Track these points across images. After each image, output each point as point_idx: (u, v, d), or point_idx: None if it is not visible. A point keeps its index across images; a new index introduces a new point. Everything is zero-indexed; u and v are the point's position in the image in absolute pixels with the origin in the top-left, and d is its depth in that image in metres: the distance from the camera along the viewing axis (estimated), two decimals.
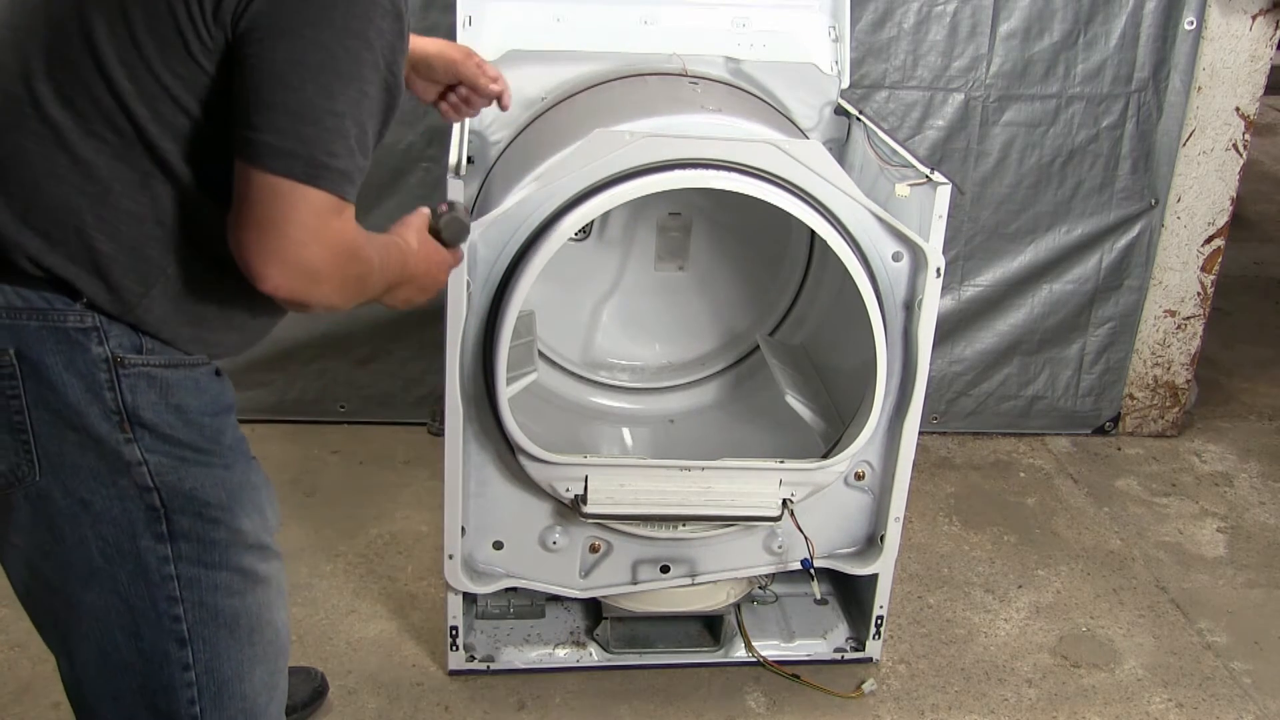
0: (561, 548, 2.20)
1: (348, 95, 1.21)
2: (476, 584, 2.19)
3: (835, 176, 1.99)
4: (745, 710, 2.30)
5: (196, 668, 1.36)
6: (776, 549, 2.27)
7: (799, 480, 2.15)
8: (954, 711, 2.33)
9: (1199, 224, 3.24)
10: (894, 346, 2.11)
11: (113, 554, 1.31)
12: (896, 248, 2.06)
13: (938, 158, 3.08)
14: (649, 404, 2.67)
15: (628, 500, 2.10)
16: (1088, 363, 3.35)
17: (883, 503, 2.27)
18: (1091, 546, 2.92)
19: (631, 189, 1.93)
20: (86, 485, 1.29)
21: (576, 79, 2.37)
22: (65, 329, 1.25)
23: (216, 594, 1.36)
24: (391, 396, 3.23)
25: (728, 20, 2.46)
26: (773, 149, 1.95)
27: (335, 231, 1.23)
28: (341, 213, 1.23)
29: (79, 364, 1.26)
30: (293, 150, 1.18)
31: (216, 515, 1.35)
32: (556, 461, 2.06)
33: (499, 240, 1.95)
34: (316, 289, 1.23)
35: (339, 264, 1.24)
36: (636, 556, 2.24)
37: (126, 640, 1.34)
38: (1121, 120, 3.11)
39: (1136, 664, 2.50)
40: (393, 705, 2.26)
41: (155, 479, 1.30)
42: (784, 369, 2.44)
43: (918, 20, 2.98)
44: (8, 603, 2.42)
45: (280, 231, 1.19)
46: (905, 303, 2.11)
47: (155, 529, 1.31)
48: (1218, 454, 3.41)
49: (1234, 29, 3.03)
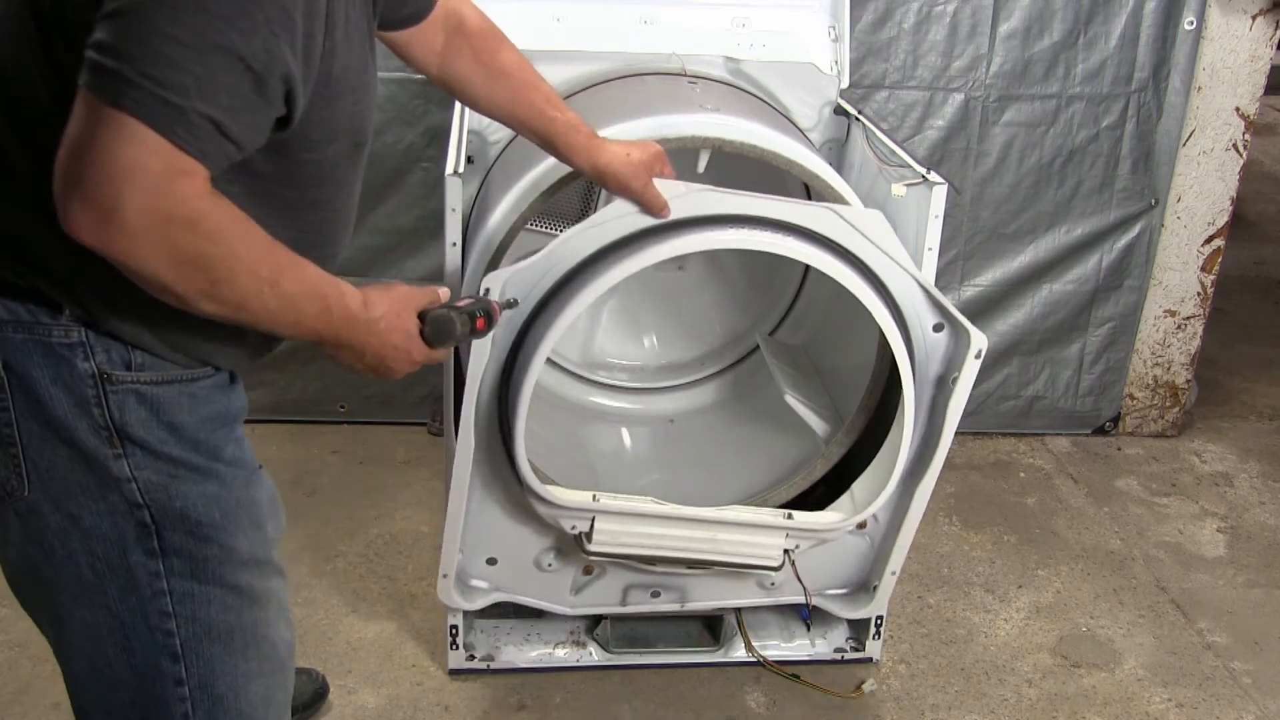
0: (555, 569, 2.20)
1: (202, 26, 1.05)
2: (466, 599, 2.19)
3: (892, 248, 1.94)
4: (745, 710, 2.30)
5: (190, 683, 1.34)
6: (769, 585, 2.28)
7: (806, 535, 2.13)
8: (954, 711, 2.33)
9: (1199, 224, 3.24)
10: (920, 415, 2.07)
11: (103, 569, 1.29)
12: (939, 319, 2.01)
13: (938, 158, 3.08)
14: (649, 404, 2.67)
15: (633, 543, 2.08)
16: (1088, 363, 3.35)
17: (882, 552, 2.26)
18: (1091, 546, 2.92)
19: (675, 246, 1.86)
20: (76, 500, 1.26)
21: (576, 79, 2.37)
22: (50, 343, 1.22)
23: (210, 610, 1.33)
24: (391, 396, 3.23)
25: (727, 20, 2.47)
26: (832, 215, 1.90)
27: (155, 177, 1.06)
28: (169, 160, 1.06)
29: (66, 378, 1.22)
30: (113, 69, 1.03)
31: (208, 533, 1.31)
32: (566, 505, 2.02)
33: (526, 282, 1.87)
34: (124, 240, 1.06)
35: (159, 224, 1.07)
36: (629, 581, 2.24)
37: (118, 655, 1.32)
38: (1121, 120, 3.11)
39: (1136, 664, 2.50)
40: (393, 705, 2.26)
41: (145, 496, 1.27)
42: (784, 369, 2.44)
43: (918, 20, 2.98)
44: (8, 603, 2.41)
45: (87, 158, 1.04)
46: (939, 377, 2.05)
47: (146, 545, 1.29)
48: (1218, 454, 3.41)
49: (1234, 29, 3.03)
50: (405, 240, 3.05)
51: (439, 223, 2.00)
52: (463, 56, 1.68)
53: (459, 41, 1.67)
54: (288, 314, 1.21)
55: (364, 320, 1.29)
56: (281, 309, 1.19)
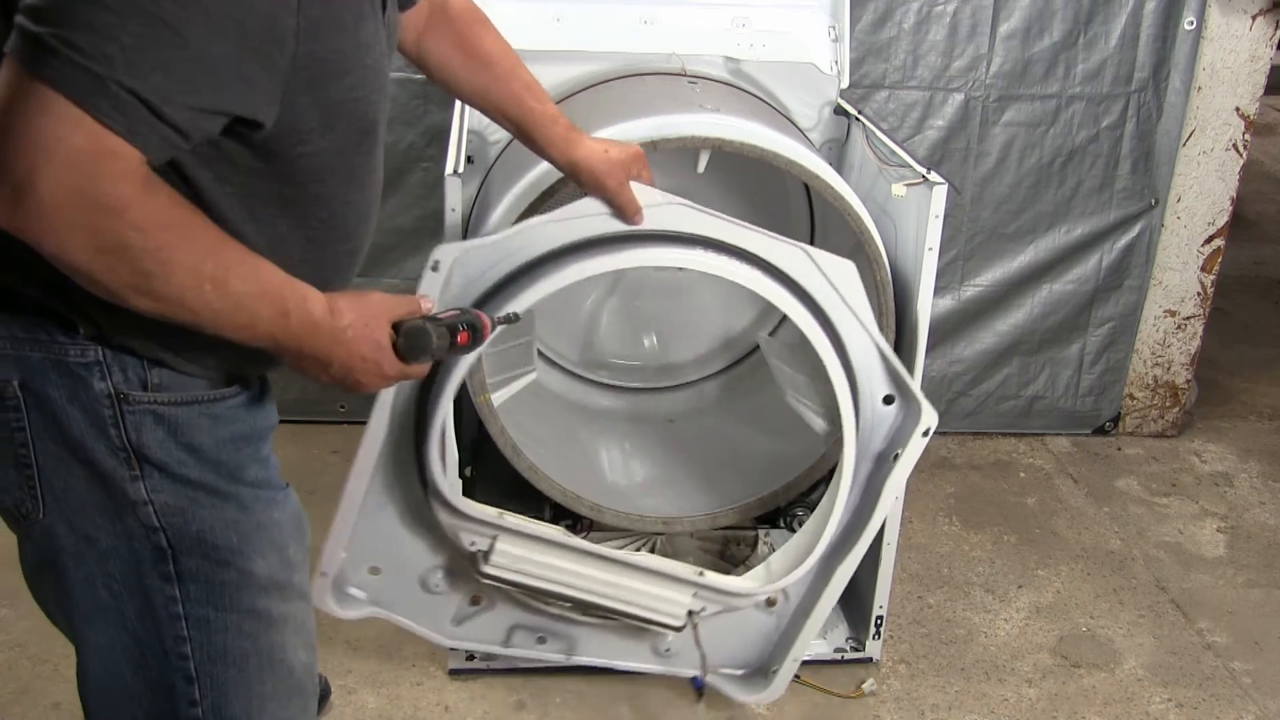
0: (441, 591, 2.04)
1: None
2: (340, 605, 2.00)
3: (859, 305, 1.86)
4: (745, 710, 2.29)
5: (204, 704, 1.32)
6: (663, 651, 2.13)
7: (714, 597, 2.01)
8: (954, 711, 2.33)
9: (1199, 224, 3.24)
10: (854, 490, 1.95)
11: (120, 590, 1.27)
12: (891, 391, 1.93)
13: (938, 158, 3.08)
14: (649, 404, 2.67)
15: (531, 572, 1.93)
16: (1088, 363, 3.36)
17: (788, 635, 2.11)
18: (1091, 546, 2.92)
19: (639, 257, 1.76)
20: (93, 522, 1.24)
21: (576, 79, 2.37)
22: (66, 362, 1.19)
23: (226, 635, 1.31)
24: None
25: (727, 20, 2.47)
26: (803, 256, 1.81)
27: (77, 154, 0.99)
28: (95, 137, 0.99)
29: (83, 398, 1.20)
30: (35, 34, 0.98)
31: (226, 558, 1.28)
32: (471, 515, 1.88)
33: (479, 263, 1.75)
34: (38, 220, 1.00)
35: (77, 206, 1.00)
36: (516, 621, 2.07)
37: (134, 674, 1.31)
38: (1121, 120, 3.11)
39: (1136, 664, 2.50)
40: (393, 705, 2.26)
41: (161, 519, 1.25)
42: (784, 369, 2.43)
43: (918, 20, 2.98)
44: (7, 603, 2.42)
45: (4, 130, 0.98)
46: (880, 453, 1.94)
47: (162, 569, 1.27)
48: (1218, 454, 3.41)
49: (1234, 29, 3.03)
50: (405, 240, 3.05)
51: (439, 223, 1.99)
52: (443, 38, 1.63)
53: (441, 22, 1.62)
54: (237, 315, 1.13)
55: (328, 328, 1.21)
56: (229, 310, 1.12)
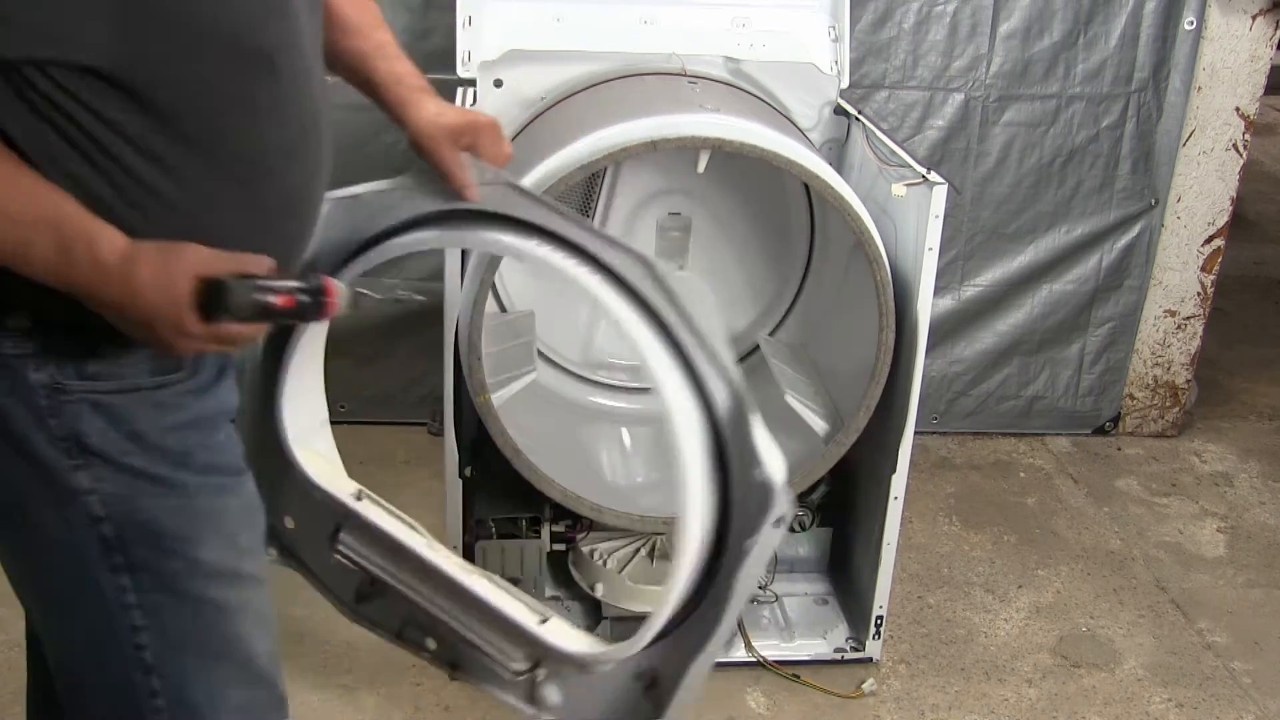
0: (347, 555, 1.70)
1: None
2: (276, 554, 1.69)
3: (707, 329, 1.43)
4: (745, 710, 2.29)
5: (165, 695, 1.30)
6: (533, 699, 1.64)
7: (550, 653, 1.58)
8: (954, 711, 2.33)
9: (1199, 224, 3.23)
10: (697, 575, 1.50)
11: (71, 583, 1.25)
12: None
13: (938, 158, 3.08)
14: (649, 404, 2.67)
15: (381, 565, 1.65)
16: (1088, 363, 3.36)
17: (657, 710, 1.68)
18: (1091, 546, 2.92)
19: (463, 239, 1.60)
20: (40, 513, 1.22)
21: (576, 79, 2.37)
22: (1, 355, 1.16)
23: (180, 622, 1.28)
24: (391, 396, 3.23)
25: (727, 20, 2.47)
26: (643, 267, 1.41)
27: None
28: None
29: (19, 390, 1.16)
30: None
31: (172, 546, 1.25)
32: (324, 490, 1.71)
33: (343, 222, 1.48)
34: None
35: None
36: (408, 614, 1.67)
37: (94, 669, 1.30)
38: (1121, 120, 3.11)
39: (1136, 664, 2.50)
40: (393, 705, 2.26)
41: (106, 508, 1.21)
42: (784, 369, 2.44)
43: (918, 20, 2.98)
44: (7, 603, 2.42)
45: None
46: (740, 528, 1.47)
47: (111, 560, 1.24)
48: (1218, 454, 3.41)
49: (1234, 29, 3.03)
50: None
51: None
52: None
53: None
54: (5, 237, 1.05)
55: (117, 273, 1.09)
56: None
